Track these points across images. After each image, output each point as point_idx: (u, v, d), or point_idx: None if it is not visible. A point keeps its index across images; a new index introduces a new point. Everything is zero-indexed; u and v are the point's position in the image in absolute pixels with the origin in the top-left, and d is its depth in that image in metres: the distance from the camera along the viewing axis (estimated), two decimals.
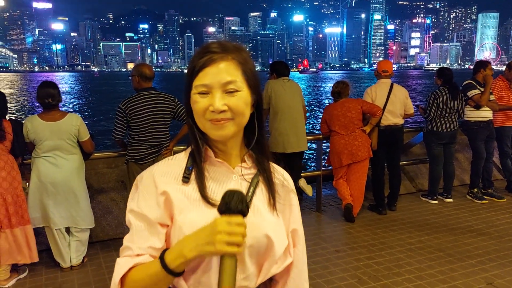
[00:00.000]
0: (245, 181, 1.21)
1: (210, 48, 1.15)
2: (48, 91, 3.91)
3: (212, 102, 1.10)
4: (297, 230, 1.28)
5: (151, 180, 1.17)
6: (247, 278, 1.18)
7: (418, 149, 6.86)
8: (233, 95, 1.12)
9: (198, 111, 1.13)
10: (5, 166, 3.70)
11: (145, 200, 1.15)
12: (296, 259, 1.28)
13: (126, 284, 1.09)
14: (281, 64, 5.34)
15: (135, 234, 1.13)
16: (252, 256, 1.17)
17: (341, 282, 3.74)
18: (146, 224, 1.13)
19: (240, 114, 1.13)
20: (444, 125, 5.80)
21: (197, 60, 1.14)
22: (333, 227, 5.12)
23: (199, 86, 1.12)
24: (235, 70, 1.14)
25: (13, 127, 3.83)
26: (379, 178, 5.61)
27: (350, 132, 5.22)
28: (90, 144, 4.12)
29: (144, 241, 1.12)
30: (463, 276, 3.85)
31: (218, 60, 1.12)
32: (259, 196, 1.21)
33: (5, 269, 3.74)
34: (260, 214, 1.18)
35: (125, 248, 1.14)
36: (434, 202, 5.98)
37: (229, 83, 1.11)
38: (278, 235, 1.19)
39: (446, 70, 6.01)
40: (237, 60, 1.15)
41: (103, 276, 3.95)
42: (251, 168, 1.23)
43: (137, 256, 1.10)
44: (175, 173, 1.18)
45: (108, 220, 4.81)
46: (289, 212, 1.27)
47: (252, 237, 1.13)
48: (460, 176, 6.92)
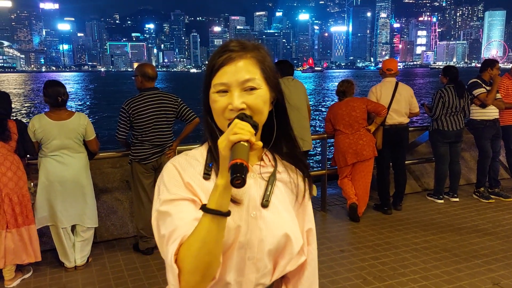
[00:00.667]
0: (263, 180, 1.21)
1: (229, 46, 1.16)
2: (58, 89, 3.93)
3: (231, 100, 1.11)
4: (312, 229, 1.30)
5: (175, 171, 1.17)
6: (264, 276, 1.19)
7: (424, 148, 6.82)
8: (251, 93, 1.12)
9: (217, 110, 1.14)
10: (11, 166, 3.72)
11: (177, 187, 1.14)
12: (310, 257, 1.29)
13: (180, 259, 1.02)
14: (285, 64, 5.31)
15: (175, 216, 1.09)
16: (270, 254, 1.17)
17: (346, 282, 3.72)
18: (185, 202, 1.12)
19: (258, 112, 1.13)
20: (450, 123, 5.75)
21: (216, 59, 1.15)
22: (338, 227, 5.10)
23: (217, 85, 1.13)
24: (254, 68, 1.15)
25: (18, 127, 3.85)
26: (384, 178, 5.58)
27: (355, 131, 5.19)
28: (95, 143, 4.15)
29: (190, 215, 1.09)
30: (469, 276, 3.82)
31: (236, 58, 1.14)
32: (277, 194, 1.22)
33: (10, 269, 3.76)
34: (278, 213, 1.19)
35: (170, 232, 1.07)
36: (440, 202, 5.94)
37: (247, 81, 1.12)
38: (295, 234, 1.20)
39: (451, 68, 5.97)
40: (255, 58, 1.16)
41: (107, 276, 3.95)
42: (268, 167, 1.24)
43: (184, 232, 1.05)
44: (196, 168, 1.19)
45: (112, 220, 4.82)
46: (303, 211, 1.28)
47: (272, 235, 1.16)
48: (467, 175, 6.86)
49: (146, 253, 4.35)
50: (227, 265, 1.14)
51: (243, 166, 0.95)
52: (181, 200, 1.12)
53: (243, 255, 1.15)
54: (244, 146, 0.98)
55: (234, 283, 1.16)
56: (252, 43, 1.19)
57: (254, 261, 1.16)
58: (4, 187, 3.66)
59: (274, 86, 1.20)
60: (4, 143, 3.72)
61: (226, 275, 1.14)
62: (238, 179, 0.94)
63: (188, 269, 1.02)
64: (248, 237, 1.15)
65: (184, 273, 1.02)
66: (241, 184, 0.94)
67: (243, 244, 1.14)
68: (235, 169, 0.94)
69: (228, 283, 1.15)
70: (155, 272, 3.98)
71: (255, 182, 1.20)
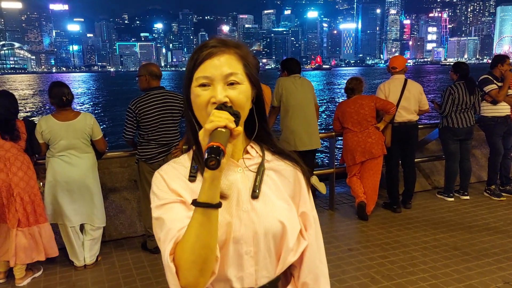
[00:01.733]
0: (251, 172, 1.21)
1: (210, 43, 1.17)
2: (62, 89, 3.97)
3: (214, 93, 1.11)
4: (306, 213, 1.27)
5: (161, 180, 1.19)
6: (265, 268, 1.19)
7: (434, 145, 6.75)
8: (234, 88, 1.12)
9: (199, 105, 1.13)
10: (21, 166, 3.76)
11: (165, 193, 1.16)
12: (309, 243, 1.27)
13: (177, 257, 1.04)
14: (292, 61, 5.29)
15: (167, 219, 1.11)
16: (268, 245, 1.17)
17: (354, 281, 3.70)
18: (175, 204, 1.14)
19: (240, 107, 1.12)
20: (460, 121, 5.69)
21: (198, 53, 1.15)
22: (346, 225, 5.07)
23: (200, 78, 1.13)
24: (236, 64, 1.15)
25: (27, 126, 3.90)
26: (393, 176, 5.54)
27: (364, 129, 5.15)
28: (102, 143, 4.17)
29: (180, 215, 1.11)
30: (479, 275, 3.77)
31: (219, 53, 1.15)
32: (267, 183, 1.22)
33: (20, 268, 3.80)
34: (270, 202, 1.19)
35: (165, 235, 1.09)
36: (450, 200, 5.88)
37: (230, 75, 1.12)
38: (290, 221, 1.20)
39: (462, 64, 5.89)
40: (238, 54, 1.17)
41: (116, 274, 3.97)
42: (255, 158, 1.23)
43: (178, 231, 1.07)
44: (181, 174, 1.20)
45: (121, 219, 4.84)
46: (299, 196, 1.26)
47: (265, 226, 1.15)
48: (477, 172, 6.79)
49: (154, 251, 4.37)
50: (225, 261, 1.14)
51: (218, 148, 0.95)
52: (170, 203, 1.14)
53: (239, 250, 1.15)
54: (222, 132, 0.99)
55: (235, 279, 1.16)
56: (233, 41, 1.19)
57: (252, 255, 1.16)
58: (15, 187, 3.70)
59: (255, 83, 1.20)
60: (14, 143, 3.76)
61: (226, 271, 1.15)
62: (212, 159, 0.94)
63: (185, 265, 1.02)
64: (242, 232, 1.15)
65: (182, 270, 1.03)
66: (215, 165, 0.95)
67: (238, 239, 1.15)
68: (209, 152, 0.95)
69: (229, 279, 1.16)
70: (163, 271, 3.95)
71: (243, 176, 1.20)
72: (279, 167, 1.25)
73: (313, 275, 1.29)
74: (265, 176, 1.22)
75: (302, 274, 1.28)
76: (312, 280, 1.29)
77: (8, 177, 3.69)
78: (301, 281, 1.29)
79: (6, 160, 3.71)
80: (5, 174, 3.69)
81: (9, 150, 3.74)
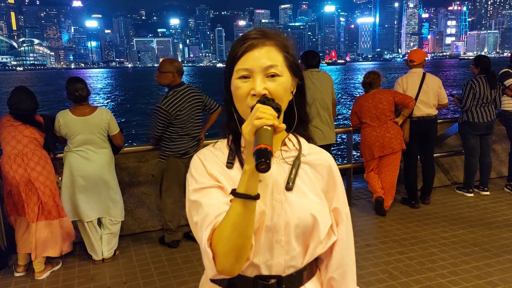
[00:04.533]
0: (287, 164, 1.23)
1: (251, 34, 1.18)
2: (77, 85, 4.00)
3: (254, 85, 1.13)
4: (339, 209, 1.29)
5: (200, 163, 1.22)
6: (293, 258, 1.21)
7: (453, 140, 6.63)
8: (273, 80, 1.14)
9: (239, 96, 1.16)
10: (39, 161, 3.82)
11: (203, 177, 1.19)
12: (339, 238, 1.28)
13: (214, 243, 1.07)
14: (310, 55, 5.16)
15: (205, 203, 1.13)
16: (298, 237, 1.19)
17: (372, 277, 3.67)
18: (213, 189, 1.16)
19: (279, 99, 1.14)
20: (480, 115, 5.58)
21: (239, 46, 1.17)
22: (364, 221, 5.03)
23: (240, 70, 1.15)
24: (277, 55, 1.16)
25: (45, 122, 3.95)
26: (412, 171, 5.46)
27: (382, 124, 5.09)
28: (119, 138, 4.19)
29: (218, 200, 1.14)
30: (499, 271, 3.71)
31: (259, 45, 1.16)
32: (302, 177, 1.23)
33: (40, 261, 3.86)
34: (303, 195, 1.21)
35: (202, 219, 1.11)
36: (469, 195, 5.79)
37: (270, 67, 1.14)
38: (322, 215, 1.21)
39: (483, 58, 5.76)
40: (278, 45, 1.18)
41: (134, 268, 4.01)
42: (292, 151, 1.25)
43: (216, 217, 1.10)
44: (219, 159, 1.23)
45: (139, 213, 4.88)
46: (332, 192, 1.28)
47: (298, 218, 1.17)
48: (498, 168, 6.66)
49: (171, 246, 4.39)
50: (256, 248, 1.16)
51: (267, 151, 0.97)
52: (209, 187, 1.16)
53: (270, 238, 1.18)
54: (268, 130, 1.01)
55: (263, 266, 1.19)
56: (274, 31, 1.20)
57: (282, 244, 1.18)
58: (35, 181, 3.76)
59: (296, 74, 1.21)
60: (31, 139, 3.82)
61: (256, 258, 1.18)
62: (263, 164, 0.96)
63: (222, 252, 1.06)
64: (274, 221, 1.17)
65: (219, 256, 1.07)
66: (266, 168, 0.97)
67: (270, 228, 1.17)
68: (259, 154, 0.97)
69: (257, 265, 1.19)
70: (180, 265, 4.01)
71: (278, 167, 1.22)
72: (314, 162, 1.27)
73: (341, 270, 1.30)
74: (300, 170, 1.23)
75: (331, 268, 1.30)
76: (340, 276, 1.30)
77: (26, 172, 3.75)
78: (329, 275, 1.30)
79: (24, 155, 3.77)
80: (23, 169, 3.74)
81: (27, 146, 3.80)
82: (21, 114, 3.85)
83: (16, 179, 3.74)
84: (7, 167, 3.76)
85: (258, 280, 1.20)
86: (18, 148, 3.78)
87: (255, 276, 1.20)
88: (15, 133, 3.80)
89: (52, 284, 3.77)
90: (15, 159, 3.75)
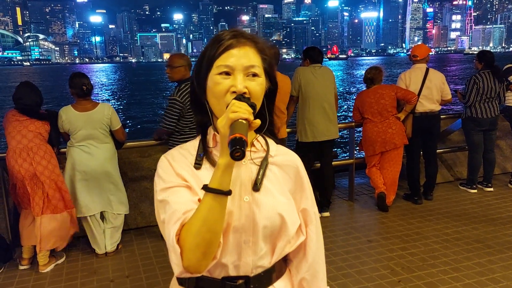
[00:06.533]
0: (255, 165, 1.23)
1: (231, 33, 1.19)
2: (82, 80, 4.02)
3: (235, 83, 1.13)
4: (307, 209, 1.30)
5: (167, 163, 1.21)
6: (261, 258, 1.21)
7: (457, 136, 6.61)
8: (253, 80, 1.15)
9: (218, 92, 1.15)
10: (44, 155, 3.85)
11: (170, 176, 1.18)
12: (309, 239, 1.30)
13: (182, 238, 1.06)
14: (314, 50, 5.16)
15: (172, 201, 1.13)
16: (266, 237, 1.20)
17: (373, 273, 3.67)
18: (180, 188, 1.16)
19: (257, 99, 1.15)
20: (484, 111, 5.55)
21: (220, 41, 1.17)
22: (366, 217, 5.03)
23: (221, 66, 1.15)
24: (256, 57, 1.18)
25: (50, 117, 3.97)
26: (414, 166, 5.45)
27: (384, 119, 5.08)
28: (122, 132, 4.21)
29: (186, 198, 1.13)
30: (502, 268, 3.70)
31: (240, 45, 1.16)
32: (269, 178, 1.24)
33: (44, 255, 3.89)
34: (271, 195, 1.21)
35: (169, 216, 1.10)
36: (473, 191, 5.77)
37: (251, 67, 1.15)
38: (290, 215, 1.22)
39: (487, 53, 5.74)
40: (257, 47, 1.20)
41: (136, 262, 4.03)
42: (260, 152, 1.25)
43: (184, 214, 1.09)
44: (188, 159, 1.23)
45: (141, 208, 4.91)
46: (300, 192, 1.29)
47: (265, 218, 1.18)
48: (502, 164, 6.64)
49: None
50: (224, 248, 1.16)
51: (242, 140, 0.98)
52: (176, 186, 1.16)
53: (238, 239, 1.18)
54: (243, 124, 1.02)
55: (232, 266, 1.19)
56: (250, 34, 1.22)
57: (250, 245, 1.19)
58: (40, 175, 3.79)
59: (270, 77, 1.23)
60: (37, 133, 3.85)
61: (224, 258, 1.17)
62: (238, 151, 0.97)
63: (189, 247, 1.05)
64: (242, 222, 1.17)
65: (186, 251, 1.05)
66: (241, 156, 0.97)
67: (238, 228, 1.17)
68: (234, 143, 0.97)
69: (225, 266, 1.19)
70: None
71: (246, 167, 1.22)
72: (282, 163, 1.28)
73: (312, 271, 1.31)
74: (268, 170, 1.24)
75: (302, 269, 1.31)
76: (311, 276, 1.31)
77: (31, 166, 3.77)
78: (300, 276, 1.32)
79: (29, 150, 3.80)
80: (28, 163, 3.77)
81: (32, 140, 3.82)
82: (26, 108, 3.88)
83: (21, 173, 3.77)
84: (13, 162, 3.79)
85: (226, 282, 1.20)
86: (23, 143, 3.80)
87: (222, 278, 1.20)
88: (20, 128, 3.83)
89: (55, 277, 3.80)
90: (20, 153, 3.78)
